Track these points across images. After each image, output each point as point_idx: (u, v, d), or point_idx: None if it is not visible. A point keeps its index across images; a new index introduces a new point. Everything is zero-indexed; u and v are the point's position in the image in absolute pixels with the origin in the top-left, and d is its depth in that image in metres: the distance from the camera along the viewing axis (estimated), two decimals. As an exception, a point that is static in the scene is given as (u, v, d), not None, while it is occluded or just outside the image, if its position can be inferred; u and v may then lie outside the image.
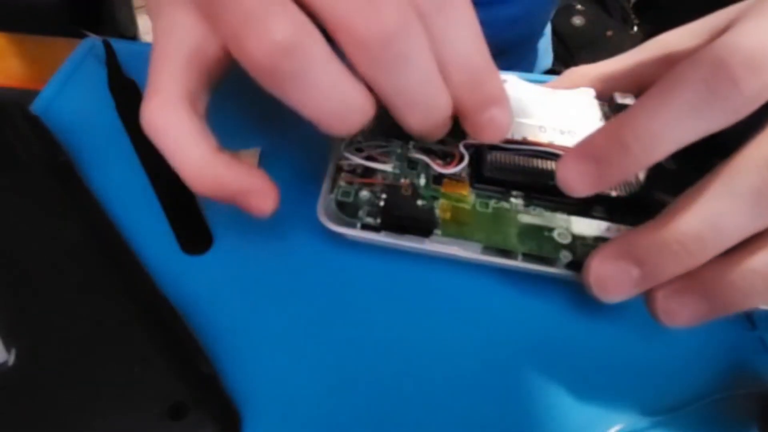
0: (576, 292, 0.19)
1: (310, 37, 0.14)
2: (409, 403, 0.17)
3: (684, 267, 0.15)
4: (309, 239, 0.20)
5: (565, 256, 0.18)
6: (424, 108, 0.16)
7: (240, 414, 0.16)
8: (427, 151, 0.21)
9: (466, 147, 0.21)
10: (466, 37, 0.16)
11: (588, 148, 0.16)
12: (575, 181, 0.16)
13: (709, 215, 0.15)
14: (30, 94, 0.20)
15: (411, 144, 0.21)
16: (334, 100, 0.15)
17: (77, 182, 0.21)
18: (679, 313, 0.16)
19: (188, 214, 0.21)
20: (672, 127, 0.15)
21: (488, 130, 0.17)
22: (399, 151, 0.21)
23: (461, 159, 0.20)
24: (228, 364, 0.17)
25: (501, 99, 0.17)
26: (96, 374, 0.16)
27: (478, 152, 0.20)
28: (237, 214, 0.21)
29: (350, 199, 0.19)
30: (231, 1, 0.14)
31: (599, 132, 0.16)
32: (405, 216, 0.18)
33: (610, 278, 0.16)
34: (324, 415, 0.16)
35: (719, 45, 0.15)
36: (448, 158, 0.21)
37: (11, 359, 0.15)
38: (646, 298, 0.17)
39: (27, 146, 0.21)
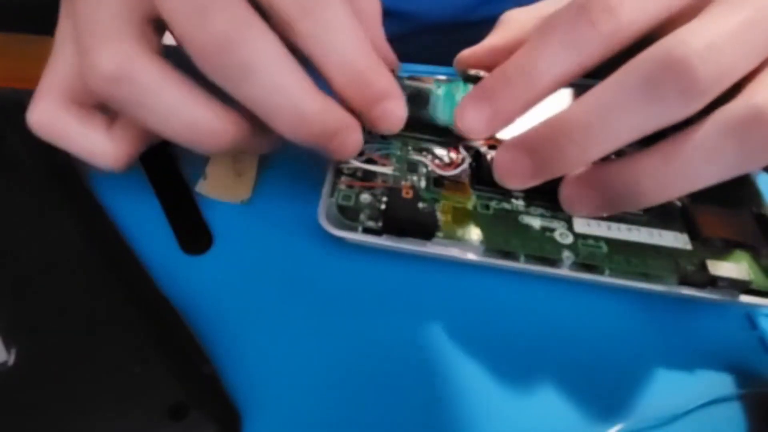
0: (578, 292, 0.19)
1: (140, 64, 0.15)
2: (411, 403, 0.17)
3: (572, 158, 0.16)
4: (310, 243, 0.20)
5: (568, 256, 0.18)
6: (289, 117, 0.16)
7: (240, 414, 0.16)
8: (428, 153, 0.21)
9: (466, 148, 0.21)
10: (343, 39, 0.16)
11: (480, 90, 0.18)
12: (472, 121, 0.18)
13: (596, 106, 0.16)
14: (30, 94, 0.20)
15: (411, 146, 0.21)
16: (176, 125, 0.16)
17: (76, 182, 0.21)
18: (577, 201, 0.18)
19: (188, 214, 0.21)
20: (547, 62, 0.17)
21: (382, 122, 0.18)
22: (399, 153, 0.21)
23: (461, 161, 0.20)
24: (228, 364, 0.17)
25: (391, 94, 0.17)
26: (96, 375, 0.15)
27: (478, 154, 0.20)
28: (237, 215, 0.21)
29: (351, 203, 0.19)
30: None
31: (488, 76, 0.18)
32: (406, 219, 0.18)
33: (507, 166, 0.18)
34: (324, 415, 0.16)
35: None
36: (448, 160, 0.21)
37: (11, 359, 0.15)
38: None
39: (26, 146, 0.21)
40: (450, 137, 0.21)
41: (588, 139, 0.16)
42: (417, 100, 0.22)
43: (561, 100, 0.22)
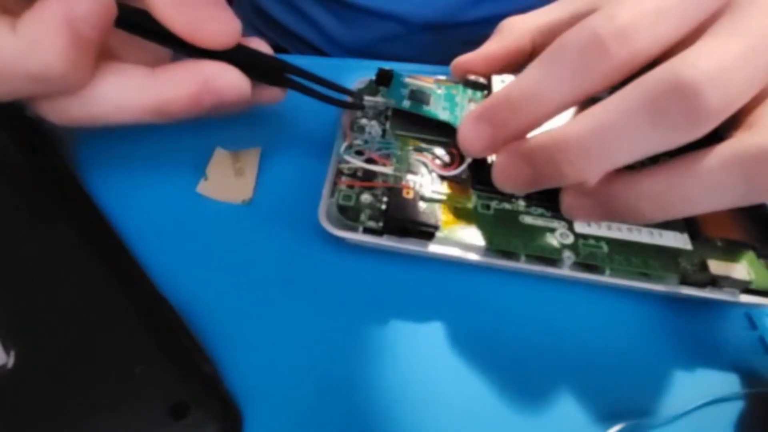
0: (579, 292, 0.19)
1: None
2: (411, 403, 0.17)
3: (570, 175, 0.16)
4: (310, 243, 0.20)
5: (568, 256, 0.18)
6: None
7: (241, 412, 0.16)
8: (428, 153, 0.21)
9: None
10: None
11: (483, 111, 0.17)
12: (473, 141, 0.17)
13: (598, 126, 0.15)
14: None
15: (411, 146, 0.21)
16: None
17: (75, 183, 0.21)
18: (577, 210, 0.18)
19: None
20: (554, 89, 0.16)
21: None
22: (399, 153, 0.21)
23: (462, 161, 0.20)
24: (228, 363, 0.17)
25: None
26: (96, 375, 0.15)
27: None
28: (237, 215, 0.21)
29: (351, 203, 0.19)
30: None
31: (492, 97, 0.17)
32: (407, 219, 0.18)
33: (506, 173, 0.17)
34: (325, 413, 0.16)
35: (597, 17, 0.16)
36: (448, 160, 0.21)
37: (10, 361, 0.15)
38: None
39: (24, 148, 0.21)
40: (450, 137, 0.21)
41: (587, 160, 0.15)
42: (418, 97, 0.22)
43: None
